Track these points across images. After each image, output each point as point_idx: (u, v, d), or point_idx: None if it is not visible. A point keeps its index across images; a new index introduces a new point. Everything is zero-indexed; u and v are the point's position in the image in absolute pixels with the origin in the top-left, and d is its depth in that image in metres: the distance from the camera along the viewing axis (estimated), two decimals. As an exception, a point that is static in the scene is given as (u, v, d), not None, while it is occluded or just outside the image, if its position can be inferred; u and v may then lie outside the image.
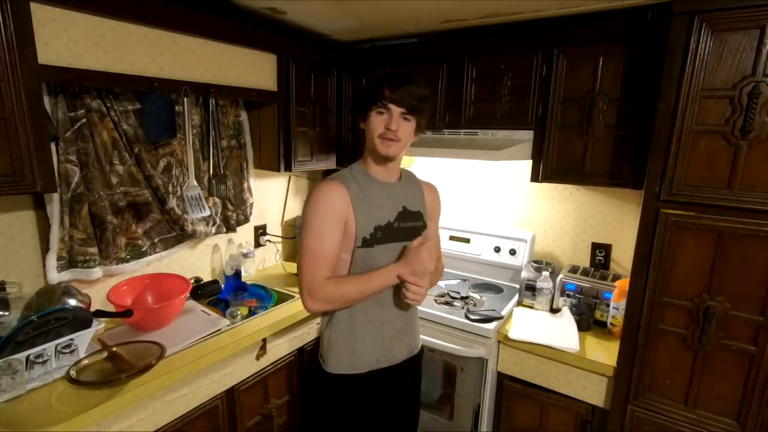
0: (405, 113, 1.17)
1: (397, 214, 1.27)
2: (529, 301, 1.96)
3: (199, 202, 1.80)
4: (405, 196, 1.30)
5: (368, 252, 1.22)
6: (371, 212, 1.22)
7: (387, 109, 1.16)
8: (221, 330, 1.64)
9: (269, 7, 1.66)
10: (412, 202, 1.32)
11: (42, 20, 1.21)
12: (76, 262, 1.55)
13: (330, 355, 1.29)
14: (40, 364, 1.27)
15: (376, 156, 1.22)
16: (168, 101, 1.65)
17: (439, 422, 1.97)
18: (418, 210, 1.33)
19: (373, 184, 1.25)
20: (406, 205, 1.29)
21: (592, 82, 1.64)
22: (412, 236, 1.28)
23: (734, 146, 1.26)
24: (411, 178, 1.38)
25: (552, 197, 2.14)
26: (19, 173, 1.20)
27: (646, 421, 1.51)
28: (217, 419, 1.60)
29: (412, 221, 1.30)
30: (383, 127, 1.17)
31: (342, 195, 1.19)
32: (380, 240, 1.23)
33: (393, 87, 1.15)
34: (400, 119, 1.17)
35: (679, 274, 1.39)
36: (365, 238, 1.21)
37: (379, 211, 1.23)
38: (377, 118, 1.18)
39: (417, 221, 1.32)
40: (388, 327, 1.31)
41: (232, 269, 2.02)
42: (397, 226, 1.26)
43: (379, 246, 1.23)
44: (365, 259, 1.23)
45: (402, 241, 1.27)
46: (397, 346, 1.34)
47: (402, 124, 1.17)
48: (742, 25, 1.21)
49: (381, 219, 1.23)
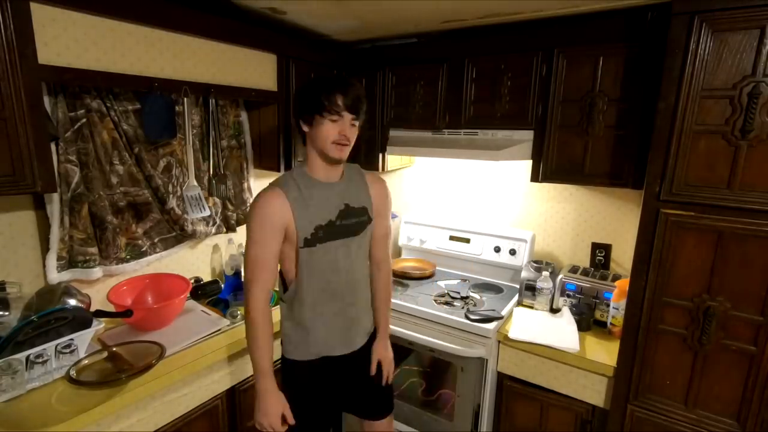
0: (355, 119, 1.24)
1: (338, 212, 1.31)
2: (529, 301, 1.96)
3: (199, 202, 1.80)
4: (348, 194, 1.34)
5: (311, 251, 1.28)
6: (310, 213, 1.26)
7: (341, 117, 1.21)
8: (221, 330, 1.64)
9: (269, 7, 1.66)
10: (355, 199, 1.35)
11: (42, 20, 1.21)
12: (76, 262, 1.55)
13: (287, 342, 1.39)
14: (40, 364, 1.27)
15: (329, 160, 1.27)
16: (168, 101, 1.65)
17: (439, 422, 1.97)
18: (362, 206, 1.37)
19: (314, 185, 1.29)
20: (349, 202, 1.33)
21: (592, 82, 1.64)
22: (356, 231, 1.35)
23: (734, 146, 1.26)
24: (355, 175, 1.41)
25: (552, 197, 2.14)
26: (19, 173, 1.20)
27: (646, 421, 1.51)
28: (217, 419, 1.60)
29: (355, 217, 1.35)
30: (337, 133, 1.22)
31: (280, 202, 1.23)
32: (321, 239, 1.28)
33: (345, 94, 1.20)
34: (349, 125, 1.24)
35: (679, 274, 1.39)
36: (306, 238, 1.26)
37: (318, 211, 1.28)
38: (330, 126, 1.22)
39: (361, 216, 1.36)
40: (340, 318, 1.38)
41: (232, 269, 2.02)
42: (339, 224, 1.31)
43: (321, 245, 1.28)
44: (309, 257, 1.28)
45: (345, 237, 1.32)
46: (352, 334, 1.42)
47: (352, 129, 1.25)
48: (742, 25, 1.20)
49: (321, 219, 1.28)
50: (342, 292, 1.36)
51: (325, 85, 1.22)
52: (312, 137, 1.26)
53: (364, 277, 1.44)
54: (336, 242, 1.31)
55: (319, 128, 1.23)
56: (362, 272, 1.42)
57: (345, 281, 1.35)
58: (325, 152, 1.25)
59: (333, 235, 1.30)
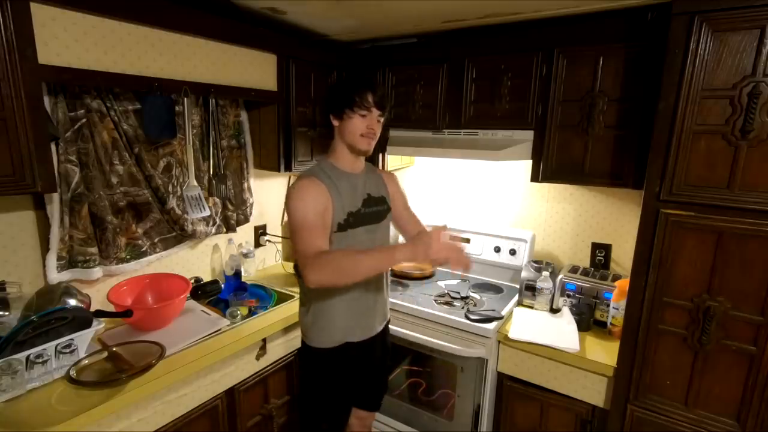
0: (381, 115, 1.38)
1: (362, 200, 1.43)
2: (529, 301, 1.96)
3: (199, 202, 1.80)
4: (368, 185, 1.47)
5: (343, 236, 1.38)
6: (343, 200, 1.37)
7: (369, 112, 1.34)
8: (221, 330, 1.64)
9: (269, 7, 1.66)
10: (374, 189, 1.48)
11: (42, 20, 1.21)
12: (76, 262, 1.55)
13: (309, 329, 1.47)
14: (40, 364, 1.27)
15: (356, 151, 1.39)
16: (168, 101, 1.65)
17: (439, 422, 1.97)
18: (381, 195, 1.50)
19: (342, 176, 1.40)
20: (370, 192, 1.46)
21: (592, 82, 1.64)
22: (378, 218, 1.47)
23: (734, 146, 1.26)
24: (371, 169, 1.54)
25: (552, 197, 2.14)
26: (19, 173, 1.20)
27: (646, 421, 1.51)
28: (217, 419, 1.60)
29: (376, 206, 1.47)
30: (366, 127, 1.35)
31: (321, 188, 1.33)
32: (352, 224, 1.39)
33: (374, 92, 1.34)
34: (376, 120, 1.37)
35: (679, 274, 1.39)
36: (340, 223, 1.36)
37: (349, 199, 1.39)
38: (360, 120, 1.34)
39: (381, 205, 1.49)
40: (362, 302, 1.46)
41: (232, 269, 2.02)
42: (363, 212, 1.42)
43: (351, 230, 1.39)
44: (340, 242, 1.38)
45: (369, 224, 1.44)
46: (371, 320, 1.51)
47: (377, 124, 1.38)
48: (742, 25, 1.20)
49: (352, 206, 1.39)
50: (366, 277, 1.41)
51: (356, 84, 1.36)
52: (342, 130, 1.38)
53: None
54: (361, 228, 1.42)
55: (348, 122, 1.35)
56: None
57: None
58: (354, 144, 1.37)
59: (360, 222, 1.41)
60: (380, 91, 1.36)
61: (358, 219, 1.41)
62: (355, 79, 1.39)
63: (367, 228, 1.43)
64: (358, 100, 1.32)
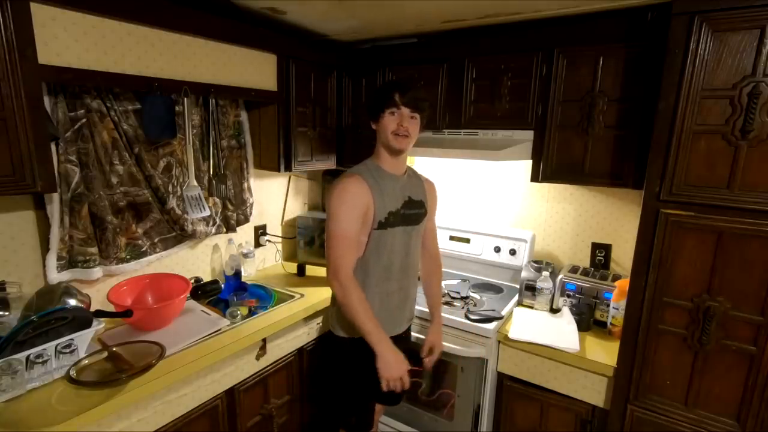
0: (412, 113, 1.41)
1: (403, 202, 1.49)
2: (529, 301, 1.96)
3: (199, 202, 1.80)
4: (410, 188, 1.53)
5: (382, 233, 1.45)
6: (385, 200, 1.44)
7: (399, 110, 1.40)
8: (221, 330, 1.64)
9: (269, 7, 1.66)
10: (415, 193, 1.55)
11: (42, 20, 1.21)
12: (76, 262, 1.55)
13: (338, 319, 1.53)
14: (40, 364, 1.27)
15: (390, 150, 1.45)
16: (168, 101, 1.65)
17: (439, 422, 1.97)
18: (420, 199, 1.56)
19: (385, 176, 1.47)
20: (411, 195, 1.52)
21: (592, 82, 1.64)
22: (416, 221, 1.53)
23: (734, 146, 1.26)
24: (414, 173, 1.61)
25: (552, 197, 2.14)
26: (19, 173, 1.20)
27: (646, 421, 1.51)
28: (217, 419, 1.60)
29: (416, 209, 1.53)
30: (396, 125, 1.40)
31: (364, 187, 1.40)
32: (392, 224, 1.46)
33: (402, 92, 1.39)
34: (408, 117, 1.41)
35: (679, 274, 1.39)
36: (381, 221, 1.43)
37: (390, 199, 1.45)
38: (390, 119, 1.41)
39: (420, 209, 1.55)
40: (394, 297, 1.54)
41: (232, 269, 2.02)
42: (403, 213, 1.49)
43: (390, 228, 1.46)
44: (379, 239, 1.45)
45: (407, 225, 1.50)
46: (398, 317, 1.58)
47: (410, 122, 1.42)
48: (742, 25, 1.21)
49: (392, 206, 1.46)
50: (399, 273, 1.52)
51: (387, 86, 1.46)
52: (378, 132, 1.46)
53: (416, 264, 1.61)
54: (399, 228, 1.48)
55: (381, 122, 1.43)
56: (415, 259, 1.59)
57: (402, 264, 1.52)
58: (388, 143, 1.43)
59: (398, 222, 1.48)
60: (411, 92, 1.40)
61: (398, 219, 1.47)
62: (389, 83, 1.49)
63: (405, 228, 1.50)
64: (386, 99, 1.40)
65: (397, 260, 1.50)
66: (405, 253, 1.52)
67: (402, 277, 1.53)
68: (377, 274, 1.48)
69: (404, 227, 1.50)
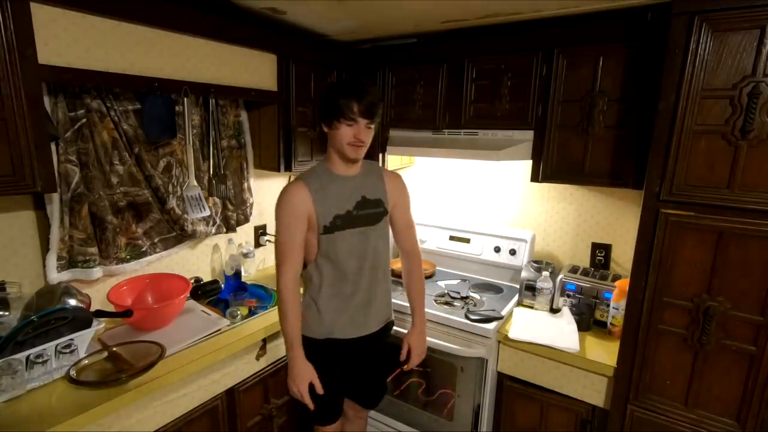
0: (369, 123, 1.35)
1: (356, 203, 1.44)
2: (529, 301, 1.96)
3: (199, 202, 1.80)
4: (364, 186, 1.47)
5: (330, 237, 1.41)
6: (329, 204, 1.40)
7: (356, 122, 1.32)
8: (221, 330, 1.64)
9: (269, 7, 1.66)
10: (371, 191, 1.48)
11: (42, 20, 1.21)
12: (76, 262, 1.55)
13: (306, 320, 1.48)
14: (40, 364, 1.27)
15: (345, 159, 1.40)
16: (168, 101, 1.65)
17: (439, 422, 1.97)
18: (377, 198, 1.49)
19: (335, 179, 1.43)
20: (365, 194, 1.46)
21: (592, 82, 1.64)
22: (373, 221, 1.47)
23: (734, 146, 1.26)
24: (372, 170, 1.53)
25: (552, 197, 2.14)
26: (19, 173, 1.20)
27: (646, 421, 1.51)
28: (217, 419, 1.60)
29: (371, 208, 1.47)
30: (352, 136, 1.34)
31: (303, 195, 1.38)
32: (340, 227, 1.41)
33: (360, 101, 1.30)
34: (365, 128, 1.35)
35: (679, 274, 1.39)
36: (326, 225, 1.40)
37: (337, 202, 1.41)
38: (346, 130, 1.34)
39: (376, 208, 1.48)
40: (353, 301, 1.48)
41: (232, 269, 2.02)
42: (356, 214, 1.44)
43: (339, 232, 1.42)
44: (328, 243, 1.42)
45: (362, 226, 1.45)
46: (363, 318, 1.51)
47: (366, 132, 1.36)
48: (742, 25, 1.20)
49: (339, 208, 1.41)
50: (357, 276, 1.46)
51: (343, 92, 1.33)
52: (331, 138, 1.40)
53: (383, 266, 1.53)
54: (353, 230, 1.43)
55: (336, 131, 1.35)
56: (380, 260, 1.51)
57: (360, 267, 1.46)
58: (342, 152, 1.38)
59: (351, 224, 1.43)
60: (369, 99, 1.31)
61: (348, 221, 1.42)
62: (343, 87, 1.35)
63: (359, 230, 1.45)
64: (343, 110, 1.31)
65: (352, 263, 1.45)
66: (361, 255, 1.45)
67: (360, 279, 1.47)
68: (331, 277, 1.45)
69: (359, 229, 1.44)
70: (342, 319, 1.48)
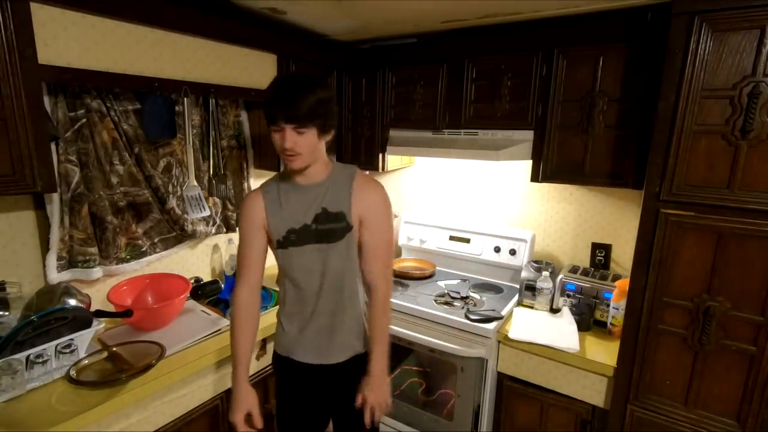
0: (298, 128, 1.13)
1: (315, 215, 1.24)
2: (529, 301, 1.96)
3: (199, 202, 1.80)
4: (327, 197, 1.25)
5: (284, 252, 1.28)
6: (284, 216, 1.25)
7: (281, 128, 1.14)
8: (221, 330, 1.64)
9: (269, 7, 1.66)
10: (334, 203, 1.25)
11: (42, 20, 1.21)
12: (76, 262, 1.55)
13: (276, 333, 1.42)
14: (40, 364, 1.27)
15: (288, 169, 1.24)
16: (168, 101, 1.65)
17: (439, 422, 1.97)
18: (340, 211, 1.24)
19: (291, 188, 1.27)
20: (327, 207, 1.24)
21: (592, 82, 1.64)
22: (333, 238, 1.25)
23: (734, 146, 1.26)
24: (343, 177, 1.28)
25: (552, 197, 2.14)
26: (19, 173, 1.20)
27: (646, 421, 1.51)
28: (217, 419, 1.60)
29: (331, 223, 1.24)
30: (281, 145, 1.15)
31: (257, 205, 1.27)
32: (294, 242, 1.25)
33: (282, 105, 1.12)
34: (294, 134, 1.13)
35: (679, 274, 1.39)
36: (279, 240, 1.27)
37: (292, 214, 1.25)
38: (275, 137, 1.17)
39: (338, 222, 1.24)
40: (313, 325, 1.31)
41: (232, 269, 2.02)
42: (315, 228, 1.24)
43: (294, 248, 1.26)
44: (283, 258, 1.29)
45: (320, 243, 1.25)
46: (324, 345, 1.32)
47: (298, 139, 1.14)
48: (742, 25, 1.20)
49: (295, 222, 1.25)
50: (314, 298, 1.29)
51: (269, 95, 1.16)
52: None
53: (349, 289, 1.30)
54: (310, 246, 1.25)
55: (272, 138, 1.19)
56: (344, 283, 1.29)
57: (319, 288, 1.28)
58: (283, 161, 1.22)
59: (307, 239, 1.25)
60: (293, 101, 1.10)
61: (305, 236, 1.24)
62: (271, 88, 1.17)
63: (317, 247, 1.25)
64: (267, 114, 1.16)
65: (311, 282, 1.27)
66: (321, 275, 1.26)
67: (320, 301, 1.28)
68: (292, 295, 1.32)
69: (316, 245, 1.24)
70: (302, 341, 1.33)
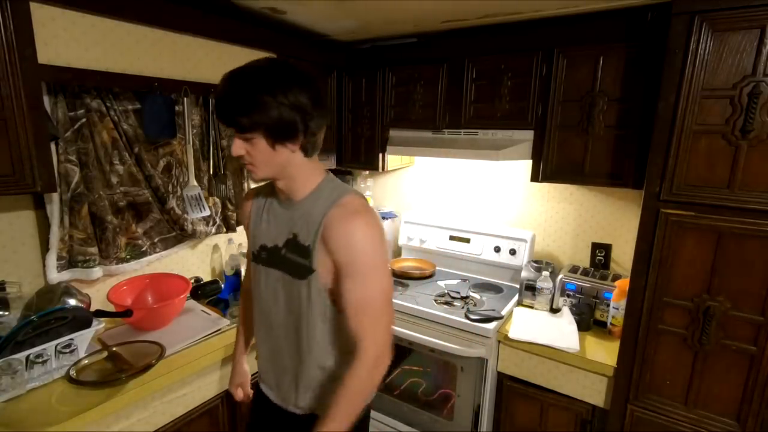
0: (242, 135, 0.93)
1: (286, 240, 1.04)
2: (529, 301, 1.96)
3: (199, 202, 1.80)
4: (301, 223, 1.02)
5: (255, 268, 1.12)
6: (261, 230, 1.10)
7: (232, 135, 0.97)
8: (221, 330, 1.64)
9: (269, 7, 1.66)
10: (305, 233, 1.01)
11: (42, 20, 1.21)
12: (76, 261, 1.55)
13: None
14: (40, 364, 1.27)
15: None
16: (168, 101, 1.65)
17: (439, 422, 1.97)
18: (306, 245, 1.00)
19: (276, 201, 1.09)
20: (298, 234, 1.02)
21: (592, 82, 1.64)
22: (296, 274, 1.02)
23: (734, 146, 1.26)
24: (321, 203, 1.00)
25: (552, 197, 2.14)
26: (19, 173, 1.20)
27: (646, 421, 1.52)
28: (217, 419, 1.60)
29: (298, 255, 1.01)
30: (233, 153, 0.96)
31: (245, 208, 1.18)
32: (264, 261, 1.09)
33: (218, 105, 0.95)
34: (240, 141, 0.94)
35: (679, 274, 1.39)
36: (253, 252, 1.12)
37: (268, 231, 1.08)
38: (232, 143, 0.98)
39: (302, 258, 1.01)
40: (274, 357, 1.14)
41: (232, 269, 2.02)
42: (284, 254, 1.04)
43: (263, 267, 1.09)
44: (254, 274, 1.14)
45: (287, 273, 1.04)
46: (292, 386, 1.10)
47: (246, 146, 0.94)
48: (742, 25, 1.21)
49: (269, 240, 1.07)
50: (278, 331, 1.10)
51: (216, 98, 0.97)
52: None
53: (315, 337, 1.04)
54: (276, 273, 1.06)
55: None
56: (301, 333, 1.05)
57: (284, 322, 1.08)
58: None
59: (275, 263, 1.06)
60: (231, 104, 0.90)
61: (274, 259, 1.06)
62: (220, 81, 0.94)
63: (283, 276, 1.05)
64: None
65: (275, 313, 1.09)
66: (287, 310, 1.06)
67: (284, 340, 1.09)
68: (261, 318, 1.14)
69: (284, 274, 1.04)
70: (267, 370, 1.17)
